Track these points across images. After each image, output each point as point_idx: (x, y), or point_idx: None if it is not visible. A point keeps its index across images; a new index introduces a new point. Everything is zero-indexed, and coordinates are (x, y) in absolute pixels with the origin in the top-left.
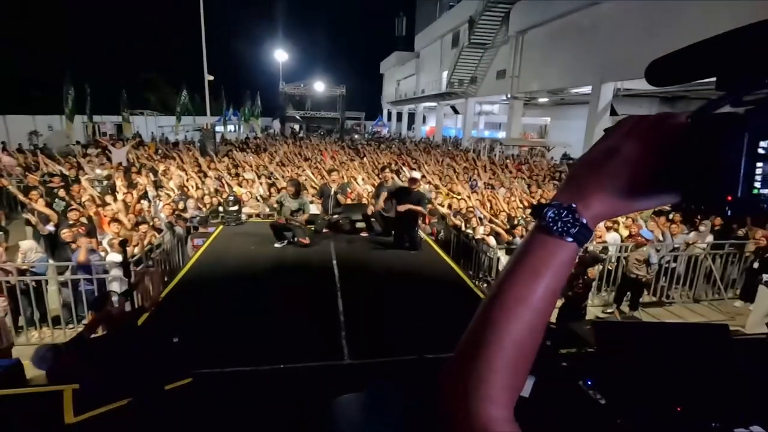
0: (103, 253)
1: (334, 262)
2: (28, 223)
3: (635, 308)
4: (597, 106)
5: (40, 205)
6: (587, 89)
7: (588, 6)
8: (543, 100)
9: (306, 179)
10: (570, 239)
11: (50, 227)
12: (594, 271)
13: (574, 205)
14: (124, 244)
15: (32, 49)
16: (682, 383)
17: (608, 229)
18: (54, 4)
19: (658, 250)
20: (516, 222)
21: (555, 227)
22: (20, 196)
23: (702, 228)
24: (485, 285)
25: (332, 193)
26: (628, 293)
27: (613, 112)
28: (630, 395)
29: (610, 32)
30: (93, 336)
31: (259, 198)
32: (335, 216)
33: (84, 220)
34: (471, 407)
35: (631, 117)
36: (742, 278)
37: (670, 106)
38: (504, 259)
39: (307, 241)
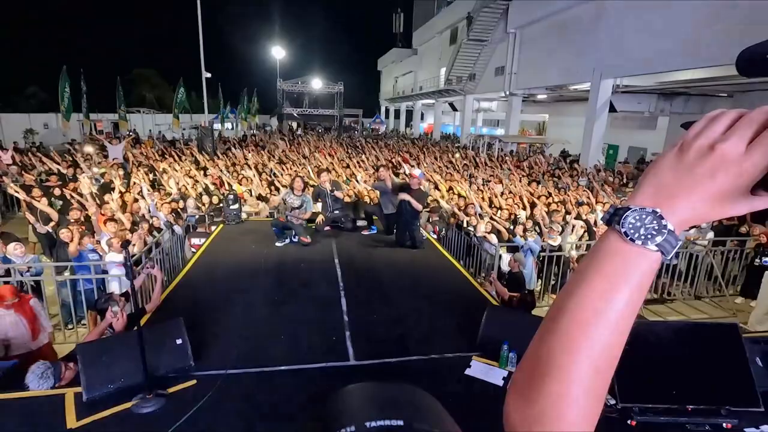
0: (101, 252)
1: (336, 260)
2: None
3: None
4: (596, 102)
5: (42, 204)
6: (586, 86)
7: (586, 2)
8: (541, 96)
9: (305, 176)
10: (654, 247)
11: (49, 227)
12: None
13: (658, 210)
14: (126, 245)
15: (28, 46)
16: (693, 383)
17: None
18: (51, 1)
19: None
20: (515, 218)
21: (637, 234)
22: (22, 195)
23: (703, 225)
24: (489, 282)
25: (328, 191)
26: None
27: (612, 109)
28: (641, 395)
29: (608, 28)
30: (95, 339)
31: (255, 193)
32: (336, 212)
33: (83, 219)
34: None
35: (723, 112)
36: (743, 275)
37: (669, 102)
38: (506, 256)
39: (308, 239)
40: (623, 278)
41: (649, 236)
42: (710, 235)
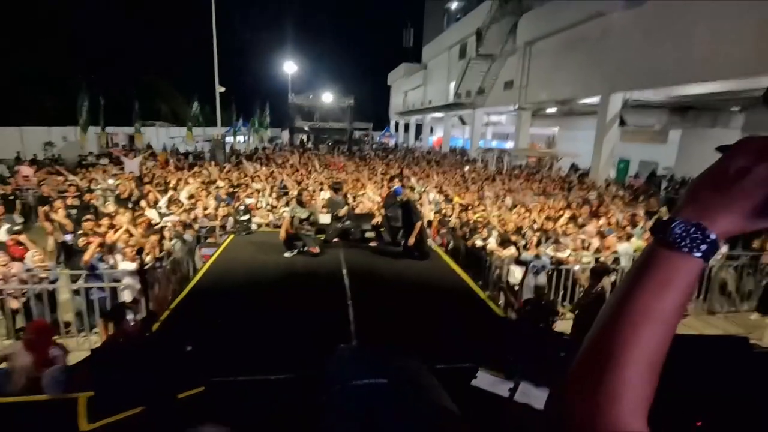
0: (112, 261)
1: (344, 271)
2: (38, 233)
3: None
4: (606, 116)
5: (60, 216)
6: (596, 99)
7: (597, 17)
8: (551, 110)
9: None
10: (698, 255)
11: (67, 236)
12: (607, 282)
13: (702, 223)
14: (140, 251)
15: (49, 61)
16: (701, 397)
17: (619, 239)
18: (70, 17)
19: None
20: (523, 232)
21: (683, 243)
22: (46, 211)
23: None
24: (501, 295)
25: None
26: None
27: (622, 123)
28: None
29: (619, 42)
30: (106, 345)
31: (268, 205)
32: (347, 222)
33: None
34: (610, 421)
35: (756, 138)
36: (759, 290)
37: (681, 117)
38: (517, 271)
39: (317, 250)
40: (671, 282)
41: (695, 245)
42: (724, 249)
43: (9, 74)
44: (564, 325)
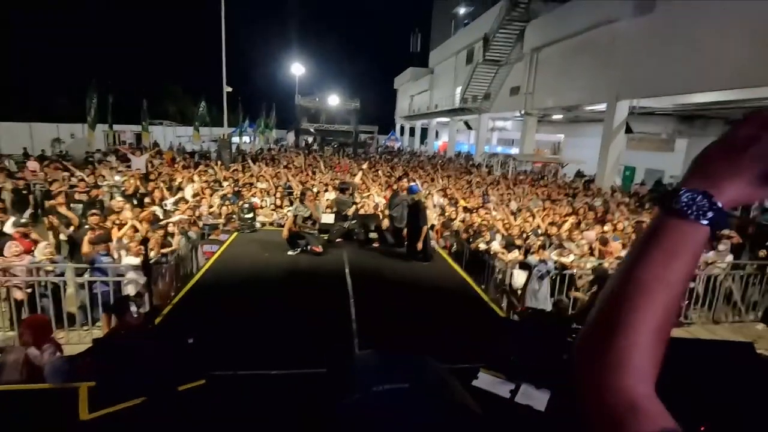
0: (116, 255)
1: (347, 270)
2: (50, 227)
3: None
4: (612, 123)
5: (63, 209)
6: (602, 107)
7: (604, 24)
8: (557, 117)
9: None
10: (705, 222)
11: (70, 230)
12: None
13: (708, 191)
14: (145, 242)
15: (59, 59)
16: (705, 402)
17: (624, 246)
18: (79, 18)
19: None
20: (526, 236)
21: (690, 211)
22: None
23: (721, 247)
24: (503, 298)
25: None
26: None
27: (629, 130)
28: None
29: (626, 50)
30: (108, 337)
31: (272, 204)
32: (354, 222)
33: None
34: (617, 383)
35: (766, 110)
36: (765, 300)
37: (688, 125)
38: (520, 274)
39: (320, 249)
40: (679, 249)
41: (701, 212)
42: (729, 257)
43: (20, 72)
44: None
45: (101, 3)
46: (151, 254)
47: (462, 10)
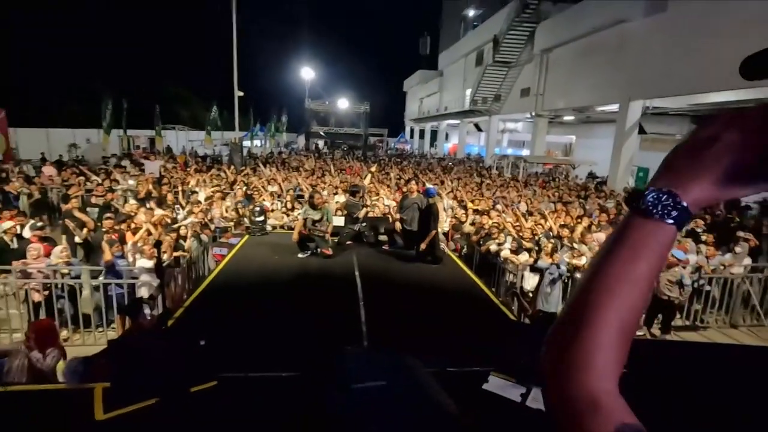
0: (131, 258)
1: (357, 273)
2: (65, 230)
3: (667, 331)
4: (624, 124)
5: (79, 213)
6: (614, 107)
7: (615, 24)
8: (568, 118)
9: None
10: (671, 221)
11: (85, 234)
12: None
13: (673, 190)
14: (159, 245)
15: (75, 65)
16: (720, 407)
17: None
18: (94, 25)
19: (693, 272)
20: (538, 239)
21: (655, 210)
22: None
23: (738, 249)
24: (514, 299)
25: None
26: (660, 315)
27: (642, 131)
28: (663, 418)
29: (639, 49)
30: (123, 339)
31: (282, 207)
32: (364, 224)
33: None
34: (580, 380)
35: (729, 111)
36: None
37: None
38: (531, 277)
39: (330, 252)
40: (644, 248)
41: (666, 212)
42: (747, 260)
43: (38, 79)
44: None
45: (116, 11)
46: (164, 257)
47: (471, 12)
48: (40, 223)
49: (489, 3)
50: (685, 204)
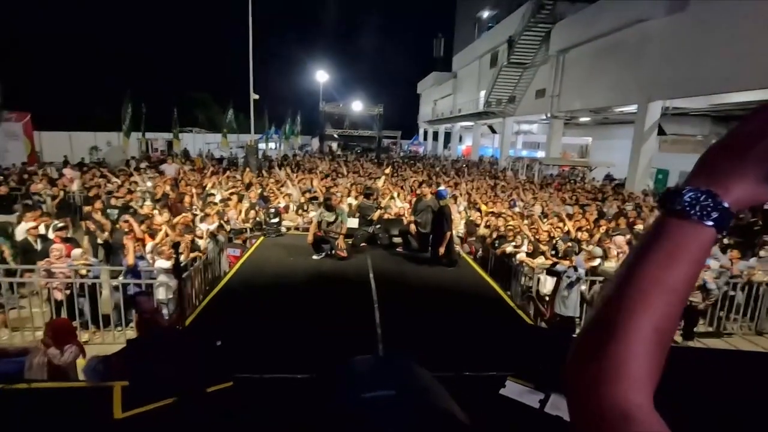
0: (150, 260)
1: (371, 275)
2: (87, 232)
3: (690, 338)
4: (643, 125)
5: (98, 215)
6: (632, 108)
7: (634, 23)
8: (584, 119)
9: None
10: (710, 223)
11: (105, 235)
12: None
13: (713, 190)
14: (176, 246)
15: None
16: (735, 417)
17: None
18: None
19: (716, 277)
20: (555, 243)
21: (693, 211)
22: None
23: (763, 254)
24: (530, 303)
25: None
26: (682, 321)
27: (661, 132)
28: (676, 425)
29: (658, 49)
30: (141, 338)
31: (298, 209)
32: (377, 227)
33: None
34: (609, 392)
35: None
36: None
37: (725, 126)
38: (547, 280)
39: (344, 254)
40: (681, 251)
41: (705, 213)
42: None
43: (61, 84)
44: None
45: (136, 18)
46: (182, 257)
47: (486, 14)
48: (61, 224)
49: (504, 4)
50: (726, 204)
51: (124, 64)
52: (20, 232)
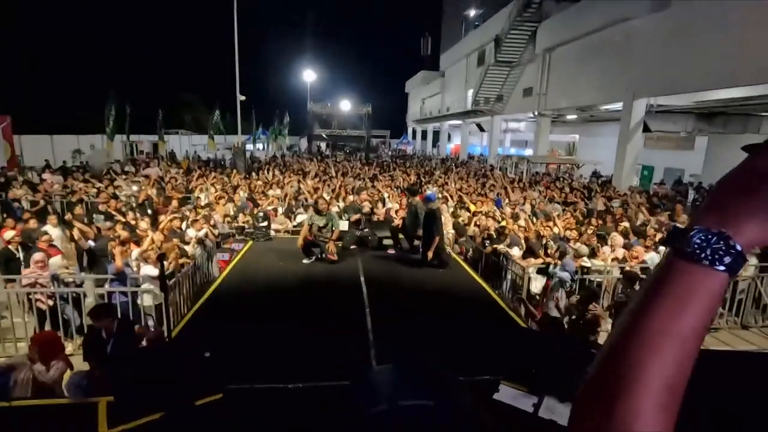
0: (135, 267)
1: (362, 279)
2: (71, 238)
3: None
4: (629, 122)
5: (78, 224)
6: (618, 106)
7: (618, 22)
8: (571, 117)
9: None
10: (722, 268)
11: (90, 243)
12: (598, 307)
13: (725, 231)
14: (162, 258)
15: (78, 71)
16: (731, 416)
17: (647, 248)
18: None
19: None
20: (545, 242)
21: (704, 255)
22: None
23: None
24: (521, 304)
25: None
26: None
27: (646, 129)
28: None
29: (642, 47)
30: (126, 352)
31: (288, 212)
32: (365, 230)
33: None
34: None
35: None
36: None
37: (708, 123)
38: (537, 280)
39: (335, 257)
40: (692, 298)
41: (717, 257)
42: (753, 261)
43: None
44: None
45: (119, 17)
46: (170, 266)
47: (472, 12)
48: (43, 228)
49: (490, 3)
50: (739, 247)
51: (108, 65)
52: None
